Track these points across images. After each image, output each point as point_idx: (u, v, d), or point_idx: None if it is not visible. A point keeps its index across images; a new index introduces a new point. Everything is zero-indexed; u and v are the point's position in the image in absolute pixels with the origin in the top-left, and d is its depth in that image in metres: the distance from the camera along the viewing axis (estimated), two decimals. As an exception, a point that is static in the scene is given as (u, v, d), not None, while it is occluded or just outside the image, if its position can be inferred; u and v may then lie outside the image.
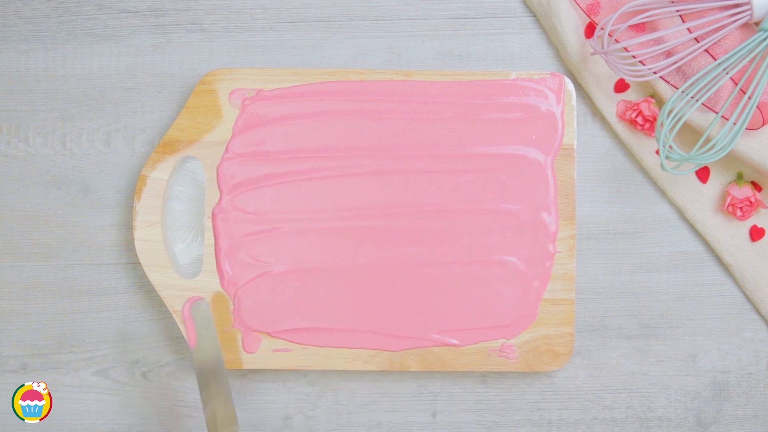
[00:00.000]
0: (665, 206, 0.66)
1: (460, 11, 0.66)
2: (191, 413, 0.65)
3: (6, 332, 0.66)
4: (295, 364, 0.64)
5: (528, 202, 0.64)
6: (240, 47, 0.66)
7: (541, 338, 0.63)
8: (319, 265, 0.63)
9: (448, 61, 0.66)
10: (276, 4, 0.66)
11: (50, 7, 0.67)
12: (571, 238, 0.64)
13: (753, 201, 0.63)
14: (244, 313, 0.64)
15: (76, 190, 0.66)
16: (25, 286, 0.66)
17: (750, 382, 0.66)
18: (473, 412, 0.66)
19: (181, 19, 0.66)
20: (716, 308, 0.66)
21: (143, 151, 0.66)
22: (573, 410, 0.66)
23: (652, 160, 0.65)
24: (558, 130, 0.64)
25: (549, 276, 0.64)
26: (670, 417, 0.66)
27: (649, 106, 0.63)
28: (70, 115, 0.66)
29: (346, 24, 0.66)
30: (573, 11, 0.65)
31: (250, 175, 0.64)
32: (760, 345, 0.66)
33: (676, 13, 0.61)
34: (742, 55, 0.59)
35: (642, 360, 0.66)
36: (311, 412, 0.66)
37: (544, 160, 0.64)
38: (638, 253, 0.66)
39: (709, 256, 0.66)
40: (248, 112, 0.64)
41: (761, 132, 0.62)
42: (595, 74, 0.65)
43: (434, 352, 0.63)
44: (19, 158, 0.66)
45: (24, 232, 0.66)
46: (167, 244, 0.64)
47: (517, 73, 0.64)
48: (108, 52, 0.66)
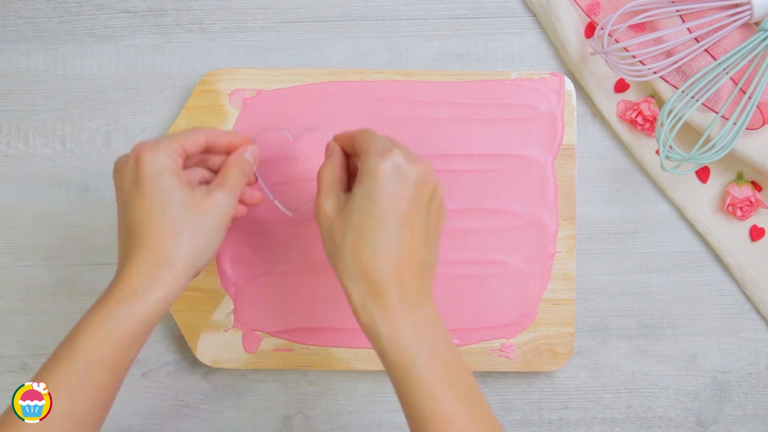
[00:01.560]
0: (665, 206, 0.66)
1: (460, 11, 0.66)
2: (191, 413, 0.65)
3: (6, 332, 0.66)
4: (295, 364, 0.64)
5: (528, 202, 0.64)
6: (240, 47, 0.66)
7: (541, 338, 0.63)
8: (319, 265, 0.63)
9: (448, 61, 0.66)
10: (276, 4, 0.66)
11: (50, 7, 0.67)
12: (571, 238, 0.64)
13: (753, 201, 0.63)
14: (244, 313, 0.64)
15: (76, 190, 0.66)
16: (26, 286, 0.66)
17: (750, 382, 0.66)
18: (473, 412, 0.65)
19: (181, 19, 0.66)
20: (716, 308, 0.66)
21: (143, 151, 0.66)
22: (573, 410, 0.66)
23: (652, 160, 0.65)
24: (558, 130, 0.64)
25: (549, 276, 0.64)
26: (670, 417, 0.66)
27: (649, 106, 0.63)
28: (70, 115, 0.66)
29: (346, 24, 0.66)
30: (573, 11, 0.65)
31: (250, 175, 0.64)
32: (760, 345, 0.66)
33: (676, 13, 0.61)
34: (742, 55, 0.59)
35: (642, 360, 0.66)
36: (311, 412, 0.66)
37: (544, 160, 0.64)
38: (638, 253, 0.66)
39: (709, 256, 0.66)
40: (248, 112, 0.64)
41: (761, 132, 0.62)
42: (595, 74, 0.65)
43: (434, 352, 0.63)
44: (19, 158, 0.66)
45: (24, 232, 0.66)
46: (167, 244, 0.64)
47: (517, 73, 0.64)
48: (108, 52, 0.66)
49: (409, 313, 0.48)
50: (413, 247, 0.49)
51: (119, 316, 0.48)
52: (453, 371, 0.49)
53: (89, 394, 0.48)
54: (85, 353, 0.48)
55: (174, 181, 0.51)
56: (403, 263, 0.49)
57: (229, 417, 0.65)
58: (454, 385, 0.48)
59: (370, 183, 0.49)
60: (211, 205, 0.52)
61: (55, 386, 0.47)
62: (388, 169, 0.49)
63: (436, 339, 0.49)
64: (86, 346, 0.48)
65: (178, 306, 0.63)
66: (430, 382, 0.47)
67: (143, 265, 0.49)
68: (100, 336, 0.48)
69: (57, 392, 0.47)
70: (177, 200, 0.51)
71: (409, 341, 0.48)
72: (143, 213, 0.50)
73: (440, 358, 0.48)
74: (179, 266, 0.50)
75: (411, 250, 0.49)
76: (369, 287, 0.49)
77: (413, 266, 0.49)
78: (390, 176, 0.49)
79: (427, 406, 0.47)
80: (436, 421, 0.47)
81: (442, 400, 0.47)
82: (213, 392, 0.65)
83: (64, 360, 0.48)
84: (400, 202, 0.49)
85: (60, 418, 0.47)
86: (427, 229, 0.51)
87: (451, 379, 0.48)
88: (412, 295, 0.49)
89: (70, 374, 0.48)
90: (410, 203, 0.49)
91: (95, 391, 0.48)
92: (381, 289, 0.48)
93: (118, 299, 0.49)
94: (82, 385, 0.48)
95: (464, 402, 0.48)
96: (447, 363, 0.49)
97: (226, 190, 0.53)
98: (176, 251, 0.50)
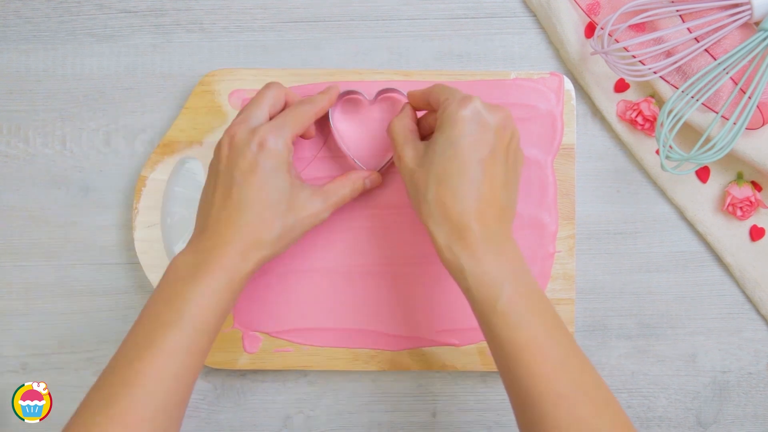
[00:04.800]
0: (665, 206, 0.66)
1: (460, 11, 0.66)
2: (191, 413, 0.65)
3: (6, 332, 0.66)
4: (295, 364, 0.64)
5: (528, 202, 0.64)
6: (240, 47, 0.66)
7: (541, 338, 0.63)
8: (319, 265, 0.63)
9: (448, 61, 0.66)
10: (276, 4, 0.66)
11: (50, 7, 0.67)
12: (571, 238, 0.64)
13: (753, 201, 0.63)
14: (244, 313, 0.64)
15: (76, 190, 0.66)
16: (25, 286, 0.66)
17: (750, 382, 0.66)
18: (473, 412, 0.66)
19: (181, 19, 0.66)
20: (716, 308, 0.66)
21: (143, 151, 0.66)
22: (573, 410, 0.66)
23: (652, 160, 0.65)
24: (557, 129, 0.64)
25: (549, 276, 0.64)
26: (671, 417, 0.66)
27: (649, 106, 0.63)
28: (70, 115, 0.66)
29: (346, 24, 0.66)
30: (573, 11, 0.65)
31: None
32: (760, 345, 0.66)
33: (676, 13, 0.61)
34: (742, 55, 0.59)
35: (642, 360, 0.66)
36: (311, 412, 0.66)
37: (544, 160, 0.64)
38: (638, 253, 0.66)
39: (709, 256, 0.66)
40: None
41: (761, 132, 0.62)
42: (595, 74, 0.65)
43: (434, 352, 0.63)
44: (19, 158, 0.66)
45: (24, 232, 0.66)
46: (167, 245, 0.64)
47: (517, 73, 0.64)
48: (108, 52, 0.66)
49: (492, 250, 0.51)
50: (494, 190, 0.52)
51: (221, 289, 0.52)
52: (536, 302, 0.51)
53: (194, 358, 0.51)
54: (193, 321, 0.50)
55: (287, 175, 0.55)
56: (486, 205, 0.51)
57: (229, 417, 0.65)
58: (537, 314, 0.50)
59: (451, 130, 0.51)
60: (309, 214, 0.56)
61: (168, 350, 0.49)
62: (469, 115, 0.51)
63: (519, 273, 0.51)
64: (195, 314, 0.50)
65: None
66: (516, 312, 0.49)
67: (239, 246, 0.53)
68: (205, 307, 0.51)
69: (169, 355, 0.49)
70: (285, 195, 0.54)
71: (493, 276, 0.50)
72: (252, 197, 0.53)
73: (524, 290, 0.50)
74: (269, 251, 0.54)
75: (492, 193, 0.52)
76: (453, 229, 0.51)
77: (494, 208, 0.52)
78: (471, 122, 0.51)
79: (513, 335, 0.49)
80: (524, 347, 0.49)
81: (528, 328, 0.49)
82: (213, 392, 0.66)
83: (174, 326, 0.50)
84: (480, 148, 0.51)
85: (173, 379, 0.49)
86: (506, 172, 0.53)
87: (534, 308, 0.50)
88: (493, 235, 0.51)
89: (182, 338, 0.50)
90: (490, 148, 0.52)
91: (199, 356, 0.51)
92: (464, 230, 0.50)
93: (217, 273, 0.52)
94: (190, 349, 0.50)
95: (548, 328, 0.50)
96: (530, 294, 0.51)
97: (328, 205, 0.57)
98: (269, 240, 0.54)
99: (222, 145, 0.55)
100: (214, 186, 0.55)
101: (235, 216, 0.53)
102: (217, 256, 0.52)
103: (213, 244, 0.53)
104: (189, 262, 0.53)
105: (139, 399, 0.48)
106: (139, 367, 0.48)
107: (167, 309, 0.51)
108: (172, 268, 0.53)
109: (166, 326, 0.50)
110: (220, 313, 0.52)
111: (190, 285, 0.51)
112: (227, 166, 0.54)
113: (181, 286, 0.51)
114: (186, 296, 0.51)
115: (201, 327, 0.51)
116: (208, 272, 0.52)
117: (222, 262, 0.52)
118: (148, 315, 0.51)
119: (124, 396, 0.48)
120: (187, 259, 0.53)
